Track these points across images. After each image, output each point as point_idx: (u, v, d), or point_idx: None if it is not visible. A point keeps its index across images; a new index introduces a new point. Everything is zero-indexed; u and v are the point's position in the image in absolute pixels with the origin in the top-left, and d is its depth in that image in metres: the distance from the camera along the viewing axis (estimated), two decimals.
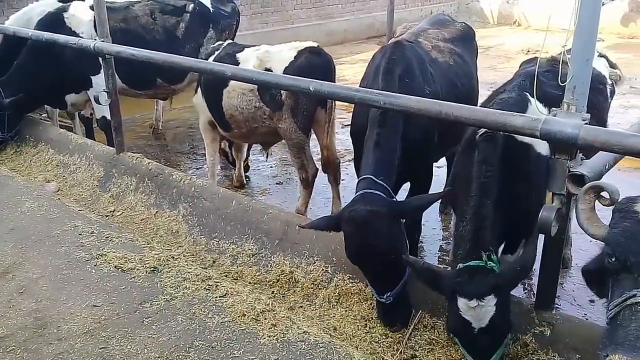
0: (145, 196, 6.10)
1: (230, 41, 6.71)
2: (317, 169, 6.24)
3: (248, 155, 7.93)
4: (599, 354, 2.50)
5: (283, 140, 6.28)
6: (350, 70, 13.08)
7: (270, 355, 3.44)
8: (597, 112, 4.44)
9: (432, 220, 6.52)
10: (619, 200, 2.82)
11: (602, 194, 2.88)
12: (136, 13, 7.93)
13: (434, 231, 6.43)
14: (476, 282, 3.26)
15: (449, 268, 4.26)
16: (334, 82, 5.86)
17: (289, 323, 3.76)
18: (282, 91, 5.60)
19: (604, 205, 2.89)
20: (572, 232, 5.85)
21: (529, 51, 13.92)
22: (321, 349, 3.45)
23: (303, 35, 15.87)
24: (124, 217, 5.94)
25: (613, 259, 2.58)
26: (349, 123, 5.41)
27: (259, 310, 3.88)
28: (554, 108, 3.32)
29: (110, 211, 6.09)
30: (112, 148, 7.00)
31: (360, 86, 4.95)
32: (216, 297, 4.07)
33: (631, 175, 7.34)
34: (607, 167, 3.32)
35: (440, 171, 6.46)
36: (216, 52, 6.34)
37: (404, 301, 3.94)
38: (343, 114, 9.45)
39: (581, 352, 3.52)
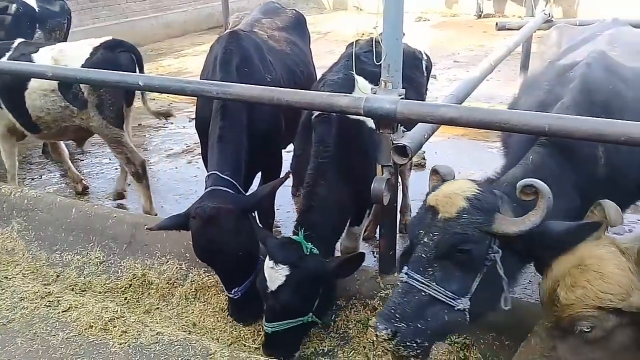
0: None
1: (23, 40, 6.20)
2: (144, 159, 6.10)
3: None
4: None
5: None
6: (193, 63, 12.81)
7: None
8: (416, 86, 4.83)
9: (285, 204, 6.65)
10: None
11: (435, 175, 3.19)
12: None
13: (288, 214, 6.56)
14: (280, 249, 3.47)
15: None
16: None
17: (140, 327, 3.64)
18: (84, 88, 5.41)
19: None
20: (411, 200, 6.34)
21: (363, 34, 14.64)
22: (176, 347, 3.40)
23: (139, 29, 15.22)
24: None
25: (408, 243, 2.95)
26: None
27: (107, 319, 3.71)
28: (372, 86, 3.54)
29: None
30: None
31: (200, 78, 4.89)
32: (58, 312, 3.82)
33: (459, 141, 8.05)
34: (426, 136, 3.63)
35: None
36: (7, 54, 5.78)
37: (254, 296, 3.87)
38: (190, 107, 9.27)
39: None
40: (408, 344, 2.67)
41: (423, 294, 2.70)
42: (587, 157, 3.13)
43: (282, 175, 4.89)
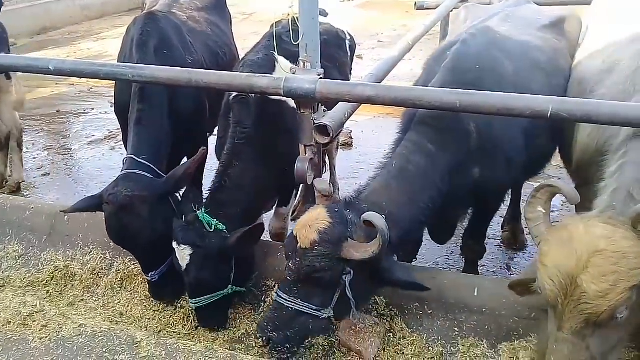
0: None
1: None
2: (9, 130, 5.93)
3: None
4: None
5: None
6: (114, 45, 12.30)
7: (44, 357, 3.22)
8: (340, 65, 4.87)
9: None
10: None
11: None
12: None
13: None
14: (181, 230, 3.52)
15: None
16: None
17: (62, 320, 3.53)
18: None
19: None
20: (340, 178, 6.45)
21: (289, 14, 14.54)
22: (100, 338, 3.33)
23: (55, 12, 14.44)
24: None
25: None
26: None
27: (25, 314, 3.57)
28: (292, 66, 3.54)
29: None
30: None
31: (118, 61, 4.72)
32: None
33: (385, 120, 8.22)
34: (347, 115, 3.67)
35: None
36: None
37: (173, 277, 3.85)
38: (112, 92, 8.93)
39: None
40: (279, 348, 3.20)
41: (290, 309, 3.13)
42: (461, 133, 3.30)
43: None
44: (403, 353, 3.65)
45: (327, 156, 6.27)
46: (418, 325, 3.75)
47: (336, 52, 4.88)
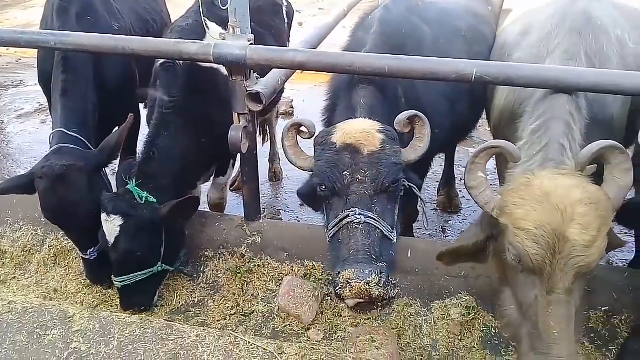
0: None
1: None
2: None
3: None
4: (335, 272, 2.77)
5: None
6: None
7: None
8: (275, 32, 4.81)
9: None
10: (317, 134, 3.12)
11: (301, 129, 3.19)
12: None
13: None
14: (111, 200, 3.41)
15: None
16: None
17: None
18: None
19: (304, 138, 3.20)
20: (279, 148, 6.43)
21: None
22: (31, 314, 3.25)
23: None
24: None
25: (324, 188, 2.91)
26: None
27: None
28: (222, 32, 3.47)
29: None
30: None
31: (40, 29, 4.49)
32: None
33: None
34: (279, 82, 3.64)
35: None
36: None
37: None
38: None
39: (288, 250, 3.99)
40: (390, 283, 2.71)
41: (378, 231, 2.78)
42: (391, 97, 3.36)
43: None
44: (340, 316, 3.74)
45: (267, 126, 6.24)
46: None
47: (272, 19, 4.82)
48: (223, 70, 3.81)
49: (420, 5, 3.98)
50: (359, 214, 2.76)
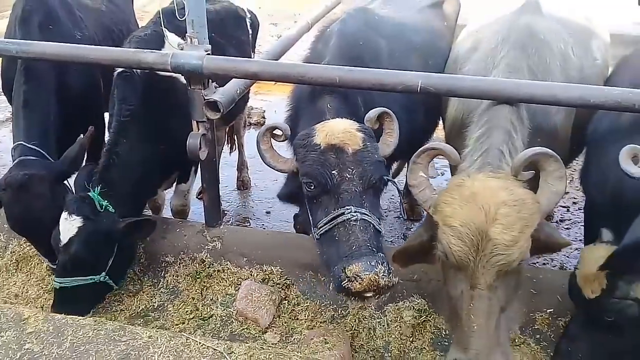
0: None
1: None
2: None
3: None
4: (336, 268, 2.83)
5: None
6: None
7: None
8: (237, 43, 4.92)
9: None
10: (297, 137, 3.20)
11: (275, 132, 3.26)
12: None
13: None
14: (74, 202, 3.49)
15: None
16: None
17: None
18: None
19: (278, 141, 3.28)
20: (249, 157, 6.52)
21: None
22: None
23: None
24: None
25: (313, 187, 2.98)
26: None
27: None
28: (180, 42, 3.58)
29: None
30: None
31: (5, 38, 4.54)
32: None
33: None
34: (238, 92, 3.74)
35: None
36: None
37: None
38: None
39: (247, 255, 4.08)
40: (392, 271, 2.80)
41: (372, 226, 2.87)
42: (354, 105, 3.48)
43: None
44: (297, 319, 3.83)
45: (235, 135, 6.34)
46: (312, 292, 3.94)
47: (234, 30, 4.93)
48: (182, 79, 3.90)
49: (377, 20, 4.13)
50: (355, 212, 2.85)
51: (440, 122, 4.56)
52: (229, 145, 6.44)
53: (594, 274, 2.78)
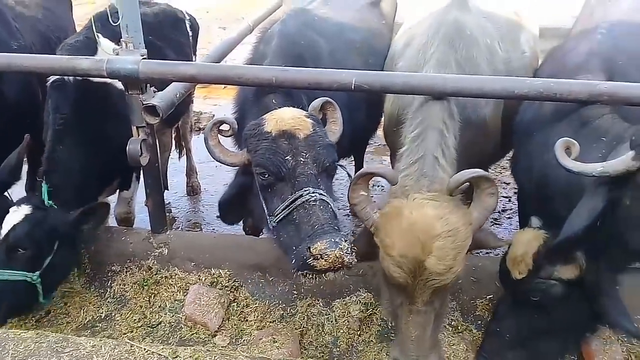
0: None
1: None
2: None
3: None
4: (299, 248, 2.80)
5: None
6: None
7: None
8: (177, 46, 4.89)
9: None
10: (246, 127, 3.16)
11: (222, 127, 3.21)
12: None
13: None
14: (30, 196, 3.53)
15: None
16: None
17: None
18: None
19: (226, 136, 3.23)
20: (198, 162, 6.49)
21: None
22: None
23: None
24: None
25: (267, 175, 2.96)
26: None
27: None
28: (115, 47, 3.55)
29: None
30: None
31: None
32: None
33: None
34: (178, 95, 3.73)
35: None
36: None
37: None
38: None
39: (194, 260, 4.07)
40: (354, 249, 2.78)
41: (330, 206, 2.88)
42: (298, 105, 3.51)
43: None
44: (247, 320, 3.85)
45: (182, 140, 6.30)
46: (260, 292, 3.96)
47: (173, 33, 4.91)
48: (118, 84, 3.87)
49: (316, 20, 4.19)
50: (313, 192, 2.85)
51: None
52: (177, 150, 6.39)
53: (521, 256, 2.93)
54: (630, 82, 2.97)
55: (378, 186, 6.06)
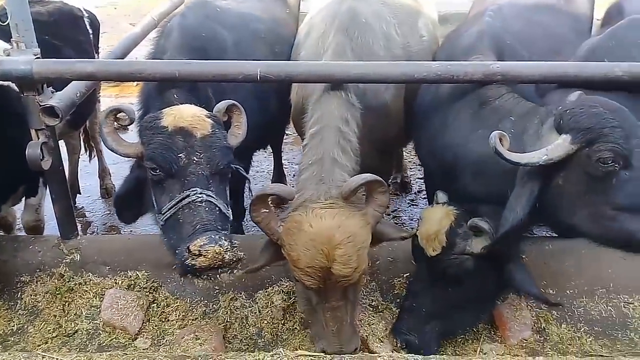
0: None
1: None
2: None
3: None
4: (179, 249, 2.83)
5: None
6: None
7: None
8: (77, 44, 4.69)
9: None
10: (144, 119, 3.10)
11: (119, 115, 3.12)
12: None
13: None
14: None
15: None
16: None
17: None
18: None
19: (124, 125, 3.17)
20: (112, 164, 6.27)
21: None
22: None
23: None
24: None
25: (158, 171, 2.90)
26: None
27: None
28: (6, 47, 3.37)
29: None
30: None
31: None
32: None
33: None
34: (79, 95, 3.59)
35: None
36: None
37: None
38: None
39: (109, 263, 3.93)
40: (238, 246, 2.86)
41: (217, 208, 2.90)
42: (204, 97, 3.50)
43: None
44: (168, 320, 3.77)
45: (92, 142, 6.07)
46: (181, 291, 3.89)
47: (70, 31, 4.70)
48: (14, 86, 3.67)
49: (218, 11, 4.13)
50: (200, 193, 2.86)
51: None
52: (87, 152, 6.15)
53: (434, 234, 3.06)
54: (519, 59, 3.15)
55: None
